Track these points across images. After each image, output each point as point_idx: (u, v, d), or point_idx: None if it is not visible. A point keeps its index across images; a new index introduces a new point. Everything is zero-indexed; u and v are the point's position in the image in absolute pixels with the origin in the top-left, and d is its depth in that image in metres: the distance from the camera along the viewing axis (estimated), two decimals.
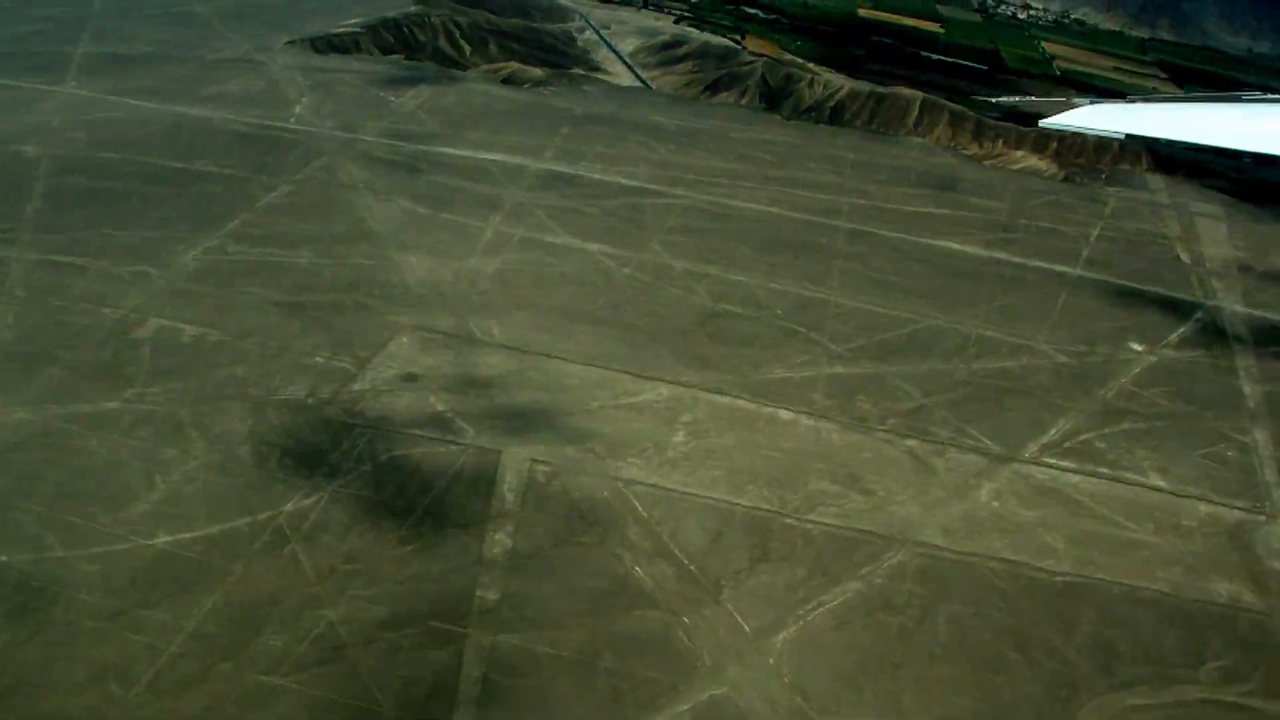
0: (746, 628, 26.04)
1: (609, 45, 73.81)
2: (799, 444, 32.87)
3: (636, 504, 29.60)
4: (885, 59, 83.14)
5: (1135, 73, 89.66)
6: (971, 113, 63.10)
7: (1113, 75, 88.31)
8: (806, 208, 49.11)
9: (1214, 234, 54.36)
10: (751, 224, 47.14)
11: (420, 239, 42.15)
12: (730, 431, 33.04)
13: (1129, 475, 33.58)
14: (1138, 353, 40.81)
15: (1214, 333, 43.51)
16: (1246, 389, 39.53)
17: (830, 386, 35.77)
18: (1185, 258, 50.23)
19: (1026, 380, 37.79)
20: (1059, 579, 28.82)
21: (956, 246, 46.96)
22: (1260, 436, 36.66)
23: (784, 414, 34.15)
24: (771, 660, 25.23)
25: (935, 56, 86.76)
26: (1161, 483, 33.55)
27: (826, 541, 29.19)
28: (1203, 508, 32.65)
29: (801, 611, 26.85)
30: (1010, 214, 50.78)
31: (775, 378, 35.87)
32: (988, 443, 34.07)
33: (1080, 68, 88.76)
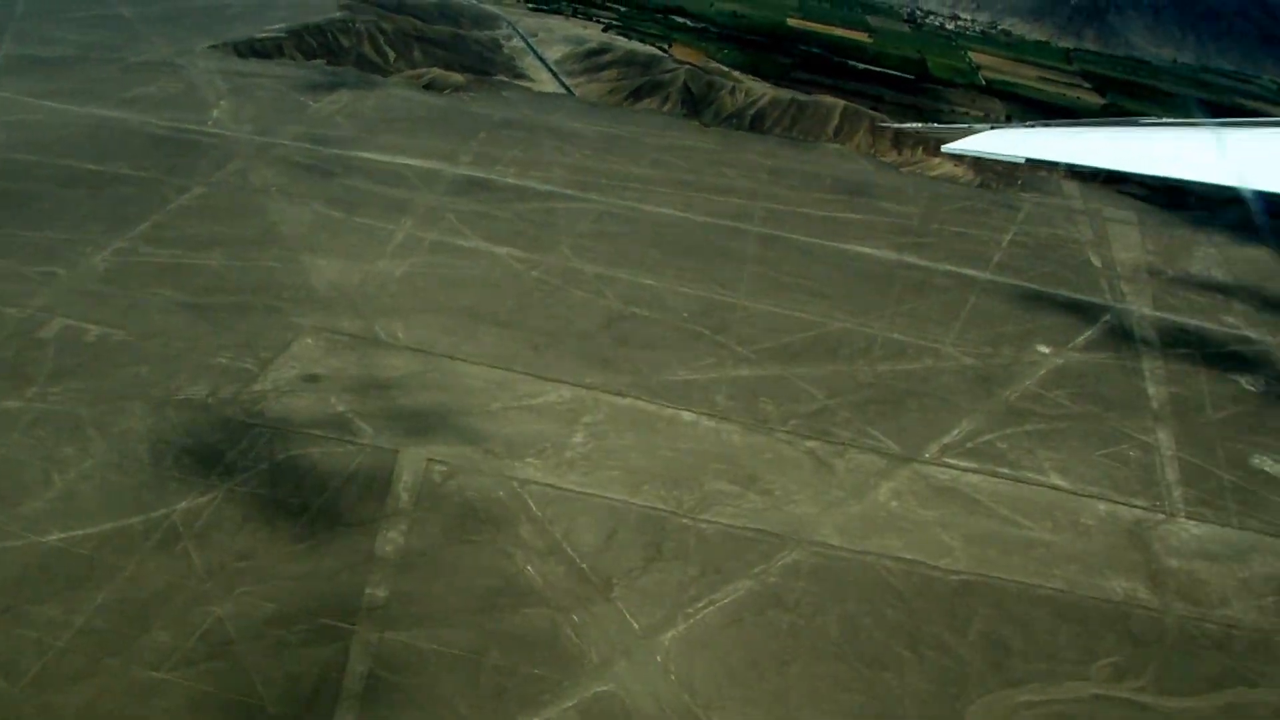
0: (636, 625, 25.99)
1: (535, 52, 73.87)
2: (699, 445, 32.93)
3: (531, 503, 29.51)
4: (813, 68, 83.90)
5: (1059, 82, 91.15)
6: (889, 121, 63.75)
7: (1037, 84, 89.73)
8: (720, 213, 49.35)
9: (1126, 239, 55.30)
10: (664, 228, 47.28)
11: (330, 242, 41.84)
12: (630, 432, 33.04)
13: (1030, 475, 33.97)
14: (1044, 355, 41.36)
15: (1121, 335, 44.21)
16: (1151, 390, 40.18)
17: (734, 388, 35.91)
18: (1096, 262, 51.04)
19: (930, 382, 38.16)
20: (954, 577, 29.04)
21: (868, 251, 47.39)
22: (1163, 436, 37.26)
23: (686, 415, 34.22)
24: (659, 657, 25.19)
25: (863, 66, 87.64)
26: (1062, 482, 33.98)
27: (721, 540, 29.23)
28: (1102, 506, 33.10)
29: (692, 609, 26.84)
30: (923, 219, 51.36)
31: (679, 380, 35.93)
32: (889, 443, 34.35)
33: (1005, 77, 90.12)
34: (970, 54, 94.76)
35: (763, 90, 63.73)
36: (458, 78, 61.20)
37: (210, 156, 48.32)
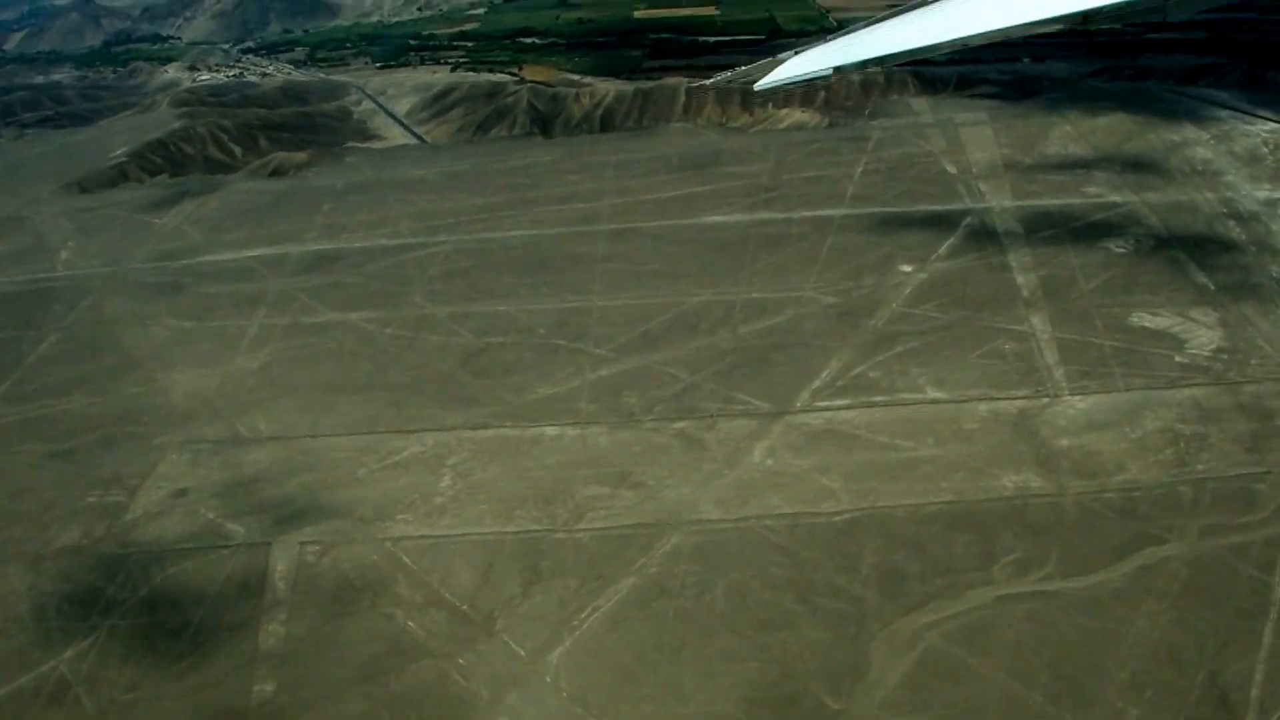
0: (522, 652, 25.72)
1: (384, 109, 73.73)
2: (566, 456, 32.62)
3: (405, 559, 29.23)
4: (663, 54, 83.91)
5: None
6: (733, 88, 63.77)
7: (883, 9, 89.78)
8: (567, 220, 49.19)
9: (979, 139, 55.30)
10: (513, 251, 47.08)
11: (185, 353, 41.56)
12: (496, 463, 32.75)
13: (905, 396, 33.77)
14: (907, 274, 41.20)
15: (984, 234, 44.13)
16: (1020, 280, 40.10)
17: (595, 391, 35.62)
18: (951, 169, 50.99)
19: (794, 331, 37.95)
20: (839, 518, 28.80)
21: (719, 219, 47.21)
22: (1037, 321, 37.18)
23: (550, 431, 33.92)
24: (549, 678, 24.92)
25: (714, 40, 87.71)
26: (939, 394, 33.79)
27: (598, 546, 28.93)
28: (983, 407, 32.89)
29: (576, 623, 26.55)
30: (773, 173, 51.23)
31: (540, 397, 35.66)
32: (758, 403, 34.08)
33: (857, 14, 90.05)
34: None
35: (606, 89, 63.73)
36: (301, 156, 60.97)
37: (63, 300, 48.02)
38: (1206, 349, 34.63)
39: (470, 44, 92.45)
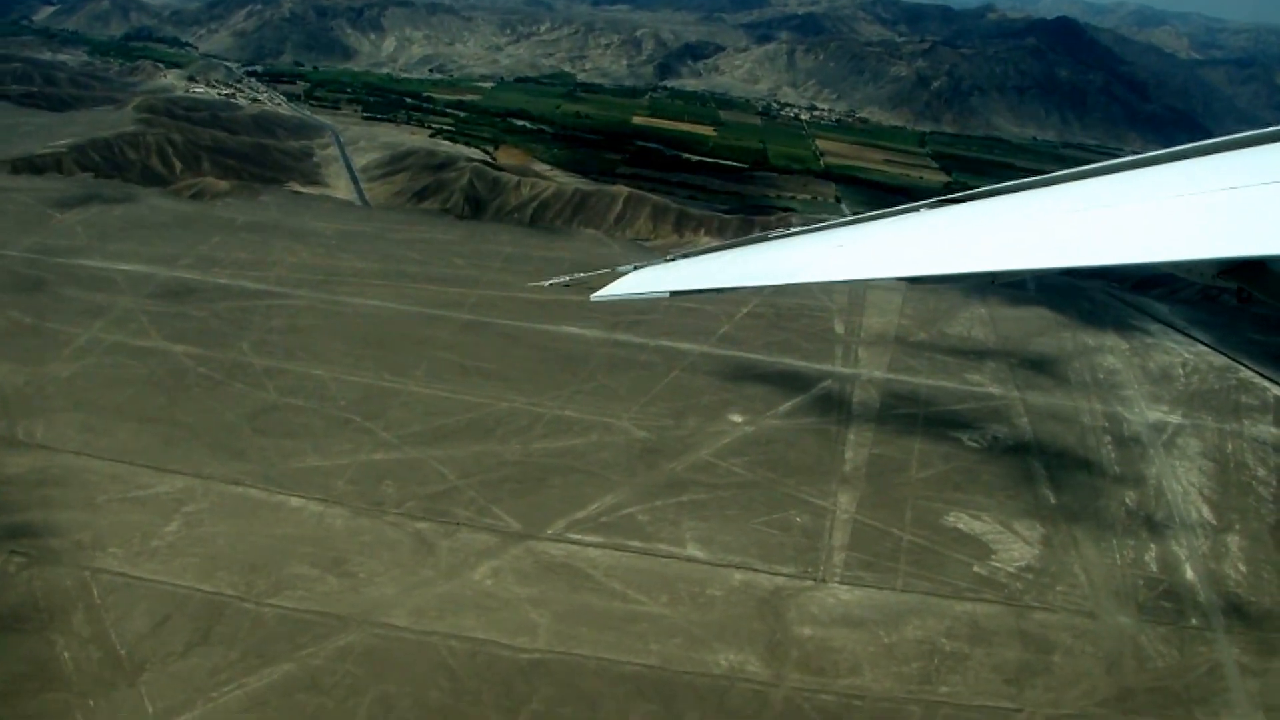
0: (151, 709, 25.61)
1: (345, 159, 75.23)
2: (295, 530, 32.56)
3: (95, 592, 29.22)
4: (641, 163, 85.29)
5: (905, 163, 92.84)
6: (674, 204, 64.62)
7: (880, 167, 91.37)
8: (430, 301, 49.66)
9: (884, 306, 55.54)
10: (361, 320, 47.51)
11: (7, 347, 42.02)
12: (227, 520, 32.72)
13: (663, 547, 33.43)
14: (735, 424, 41.08)
15: (836, 401, 44.10)
16: (849, 454, 39.86)
17: (359, 473, 35.63)
18: (839, 329, 51.14)
19: (587, 458, 37.85)
20: (525, 656, 28.36)
21: (577, 331, 47.50)
22: (844, 499, 36.85)
23: (294, 501, 33.94)
24: None
25: (696, 159, 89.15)
26: (698, 553, 33.38)
27: (277, 624, 28.70)
28: (738, 577, 32.46)
29: (217, 694, 26.31)
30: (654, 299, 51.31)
31: (305, 466, 35.69)
32: (509, 521, 33.94)
33: (850, 162, 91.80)
34: (818, 142, 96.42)
35: (546, 184, 64.64)
36: (223, 185, 62.23)
37: None
38: (1013, 564, 34.14)
39: (462, 114, 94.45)
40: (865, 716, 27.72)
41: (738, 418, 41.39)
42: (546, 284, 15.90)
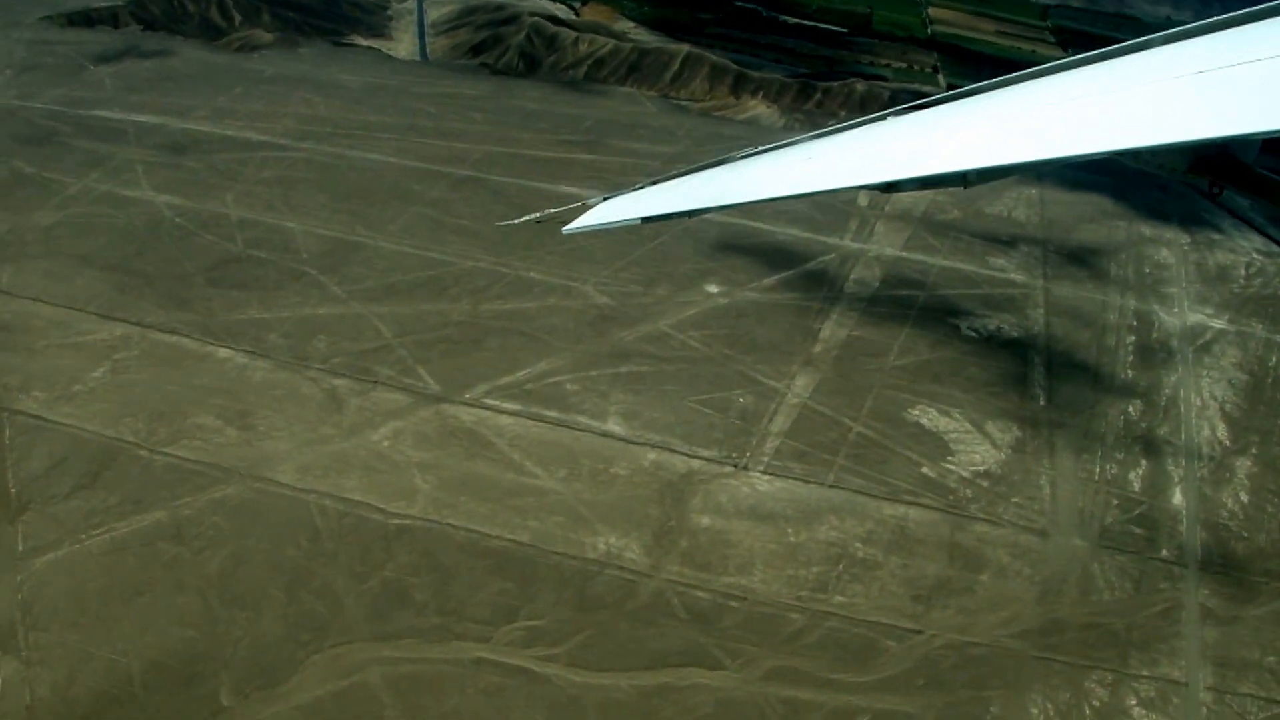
0: (20, 547, 26.96)
1: (420, 12, 75.23)
2: (213, 381, 33.55)
3: (8, 434, 30.95)
4: (733, 24, 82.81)
5: (1019, 35, 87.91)
6: (733, 66, 62.96)
7: (992, 39, 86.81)
8: (431, 157, 49.68)
9: None
10: (355, 173, 47.95)
11: (3, 197, 43.95)
12: (152, 369, 33.90)
13: (581, 420, 33.28)
14: (707, 294, 40.29)
15: (830, 277, 42.85)
16: (825, 334, 38.84)
17: (296, 327, 36.31)
18: (863, 202, 49.27)
19: (535, 321, 37.75)
20: (395, 522, 28.80)
21: (574, 191, 46.87)
22: (801, 382, 36.00)
23: (223, 352, 34.89)
24: (19, 577, 26.14)
25: (794, 21, 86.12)
26: (617, 428, 33.14)
27: (164, 473, 29.82)
28: (652, 455, 32.13)
29: (84, 535, 27.62)
30: (670, 160, 50.34)
31: (245, 319, 36.59)
32: (429, 382, 34.23)
33: (959, 31, 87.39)
34: (930, 9, 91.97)
35: (606, 42, 63.67)
36: (268, 38, 63.01)
37: None
38: (969, 469, 32.78)
39: None
40: (736, 619, 26.99)
41: (713, 288, 40.45)
42: (517, 221, 15.55)
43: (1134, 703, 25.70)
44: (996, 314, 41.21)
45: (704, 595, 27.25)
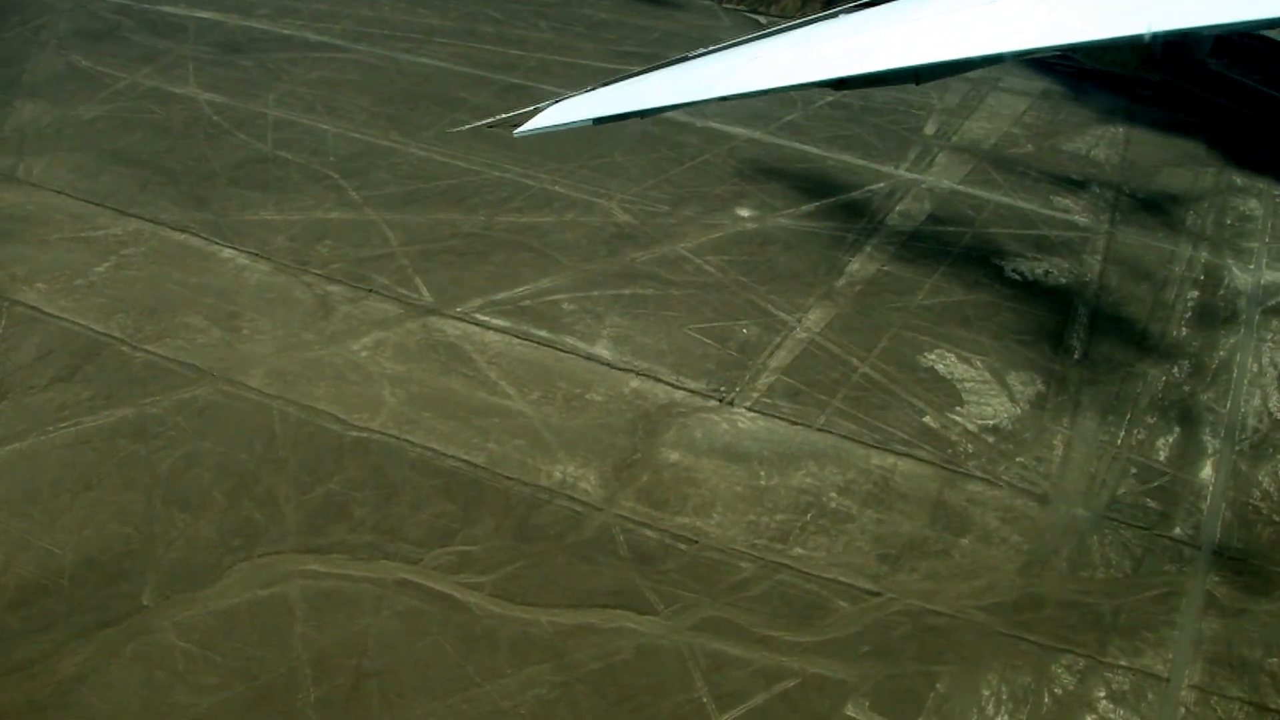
0: None
1: None
2: (210, 281, 34.06)
3: (3, 323, 31.77)
4: None
5: None
6: None
7: None
8: (485, 63, 49.24)
9: (1001, 111, 50.91)
10: (402, 77, 47.82)
11: (53, 89, 45.18)
12: (154, 265, 34.58)
13: (569, 340, 32.75)
14: (737, 218, 39.27)
15: (874, 207, 41.26)
16: (854, 267, 37.50)
17: (304, 230, 36.56)
18: (930, 130, 47.30)
19: (548, 237, 37.25)
20: (352, 434, 28.66)
21: None
22: (814, 316, 34.87)
23: (226, 253, 35.33)
24: None
25: None
26: (604, 352, 32.46)
27: (141, 369, 30.46)
28: (634, 383, 31.34)
29: (51, 427, 28.34)
30: None
31: (256, 219, 36.98)
32: (424, 293, 34.15)
33: None
34: None
35: None
36: None
37: (27, 12, 52.51)
38: (977, 421, 31.07)
39: None
40: (680, 563, 25.69)
41: (745, 212, 39.26)
42: (467, 128, 15.52)
43: (1102, 694, 23.78)
44: (1048, 257, 39.06)
45: (652, 534, 26.23)
